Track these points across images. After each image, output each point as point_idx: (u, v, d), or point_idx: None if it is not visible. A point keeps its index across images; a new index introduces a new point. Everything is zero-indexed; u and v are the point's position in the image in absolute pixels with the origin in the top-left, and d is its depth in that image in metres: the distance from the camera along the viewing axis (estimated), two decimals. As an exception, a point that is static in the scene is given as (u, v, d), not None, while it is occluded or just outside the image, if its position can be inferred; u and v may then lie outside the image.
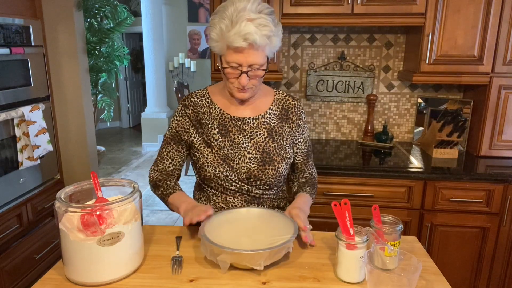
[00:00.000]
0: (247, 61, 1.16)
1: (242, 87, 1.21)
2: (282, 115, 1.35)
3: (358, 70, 2.55)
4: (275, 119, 1.34)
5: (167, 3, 6.39)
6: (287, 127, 1.35)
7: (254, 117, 1.32)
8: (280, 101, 1.36)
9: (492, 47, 2.12)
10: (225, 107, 1.32)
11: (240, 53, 1.15)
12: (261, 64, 1.19)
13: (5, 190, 2.15)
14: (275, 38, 1.20)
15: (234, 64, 1.17)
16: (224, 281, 0.99)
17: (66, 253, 0.97)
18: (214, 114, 1.31)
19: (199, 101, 1.34)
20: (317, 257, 1.11)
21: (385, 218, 1.06)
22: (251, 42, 1.12)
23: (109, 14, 4.02)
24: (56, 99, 3.02)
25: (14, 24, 2.20)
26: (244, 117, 1.31)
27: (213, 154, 1.28)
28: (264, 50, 1.18)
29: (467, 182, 2.00)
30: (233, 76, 1.20)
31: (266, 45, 1.17)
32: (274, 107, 1.35)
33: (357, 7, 2.10)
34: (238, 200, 1.31)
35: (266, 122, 1.32)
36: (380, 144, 2.46)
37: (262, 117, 1.32)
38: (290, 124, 1.35)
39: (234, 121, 1.30)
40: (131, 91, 7.72)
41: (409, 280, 0.85)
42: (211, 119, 1.31)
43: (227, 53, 1.18)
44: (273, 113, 1.34)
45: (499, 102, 2.19)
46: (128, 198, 0.98)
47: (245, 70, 1.17)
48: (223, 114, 1.31)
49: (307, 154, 1.41)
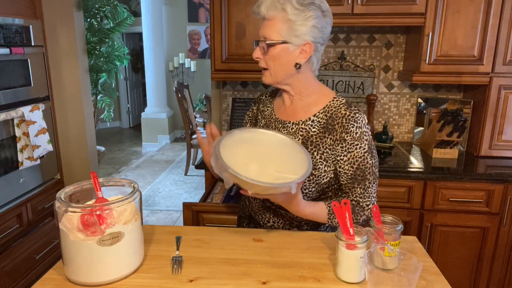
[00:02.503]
0: (261, 30, 1.16)
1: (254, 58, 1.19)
2: (327, 124, 1.17)
3: (358, 70, 2.55)
4: (317, 127, 1.19)
5: (167, 3, 6.39)
6: (328, 139, 1.17)
7: (294, 122, 1.22)
8: (331, 109, 1.19)
9: (492, 47, 2.12)
10: (277, 109, 1.30)
11: (262, 25, 1.16)
12: (271, 39, 1.13)
13: (5, 190, 2.15)
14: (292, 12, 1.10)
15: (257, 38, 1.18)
16: (224, 281, 0.99)
17: (66, 253, 0.97)
18: (267, 113, 1.32)
19: (265, 100, 1.37)
20: (317, 257, 1.11)
21: (385, 218, 1.06)
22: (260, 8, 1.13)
23: (109, 14, 4.03)
24: (56, 99, 3.02)
25: (14, 24, 2.20)
26: (285, 121, 1.24)
27: None
28: (275, 23, 1.12)
29: (467, 182, 2.00)
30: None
31: (275, 17, 1.11)
32: (321, 114, 1.19)
33: (357, 7, 2.10)
34: (256, 202, 1.28)
35: (304, 130, 1.20)
36: (380, 144, 2.46)
37: (302, 123, 1.20)
38: (333, 136, 1.16)
39: (277, 123, 1.26)
40: (131, 91, 7.72)
41: (409, 280, 0.85)
42: (263, 117, 1.33)
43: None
44: (316, 121, 1.19)
45: (499, 102, 2.19)
46: (128, 198, 0.98)
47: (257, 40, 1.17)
48: (272, 115, 1.30)
49: (353, 177, 1.17)
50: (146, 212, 3.83)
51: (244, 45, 2.24)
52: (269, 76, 1.19)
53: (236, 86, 2.64)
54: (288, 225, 1.26)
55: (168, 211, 3.86)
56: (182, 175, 4.92)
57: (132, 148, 6.35)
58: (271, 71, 1.18)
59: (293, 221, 1.25)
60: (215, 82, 2.62)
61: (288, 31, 1.12)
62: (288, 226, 1.26)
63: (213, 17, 2.22)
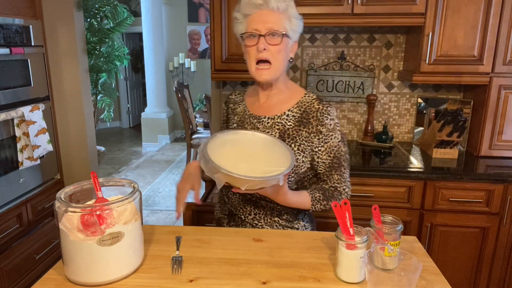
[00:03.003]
0: (265, 23, 1.17)
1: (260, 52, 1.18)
2: (302, 118, 1.25)
3: (358, 70, 2.55)
4: (292, 121, 1.26)
5: (167, 3, 6.39)
6: (304, 132, 1.24)
7: (270, 117, 1.28)
8: (304, 104, 1.27)
9: (492, 47, 2.12)
10: (250, 105, 1.35)
11: (258, 18, 1.19)
12: (279, 31, 1.18)
13: (5, 190, 2.15)
14: (293, 11, 1.21)
15: (253, 31, 1.19)
16: (224, 281, 0.99)
17: (66, 253, 0.97)
18: (239, 110, 1.37)
19: (235, 98, 1.43)
20: (317, 257, 1.11)
21: (385, 218, 1.06)
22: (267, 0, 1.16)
23: (109, 14, 4.02)
24: (56, 99, 3.02)
25: (14, 24, 2.20)
26: (260, 116, 1.30)
27: None
28: (283, 18, 1.19)
29: (467, 182, 2.00)
30: (252, 44, 1.20)
31: (283, 12, 1.19)
32: (295, 109, 1.27)
33: (357, 7, 2.10)
34: (236, 197, 1.31)
35: (280, 124, 1.26)
36: (380, 144, 2.46)
37: (278, 117, 1.27)
38: (308, 129, 1.24)
39: (251, 118, 1.31)
40: (131, 91, 7.72)
41: (409, 280, 0.85)
42: (235, 114, 1.37)
43: (248, 24, 1.21)
44: (291, 115, 1.27)
45: (499, 102, 2.19)
46: (128, 198, 0.98)
47: (262, 33, 1.18)
48: (246, 111, 1.35)
49: (330, 165, 1.26)
50: (146, 212, 3.83)
51: (244, 45, 2.24)
52: (272, 71, 1.22)
53: (236, 86, 2.64)
54: (269, 215, 1.30)
55: (168, 211, 3.86)
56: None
57: (132, 148, 6.35)
58: (275, 64, 1.21)
59: (273, 211, 1.29)
60: (215, 82, 2.62)
61: (290, 26, 1.21)
62: (270, 216, 1.30)
63: (213, 17, 2.22)
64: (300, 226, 1.33)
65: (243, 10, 1.22)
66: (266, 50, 1.18)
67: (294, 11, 1.22)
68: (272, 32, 1.18)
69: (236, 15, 1.26)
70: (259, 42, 1.18)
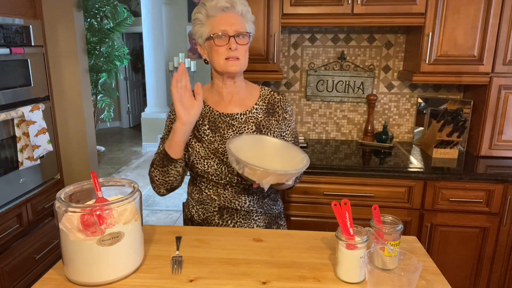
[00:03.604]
0: (232, 25, 1.27)
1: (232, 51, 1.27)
2: (268, 109, 1.40)
3: (358, 70, 2.55)
4: (262, 113, 1.39)
5: (167, 3, 6.39)
6: (273, 121, 1.40)
7: (242, 113, 1.38)
8: (266, 96, 1.42)
9: (492, 47, 2.12)
10: (214, 105, 1.40)
11: (224, 20, 1.27)
12: (245, 32, 1.29)
13: (5, 190, 2.15)
14: (250, 16, 1.35)
15: (221, 33, 1.27)
16: (224, 281, 0.99)
17: (66, 253, 0.97)
18: (204, 112, 1.39)
19: None
20: (317, 257, 1.11)
21: (385, 218, 1.06)
22: (234, 4, 1.27)
23: (109, 14, 4.02)
24: (56, 99, 3.02)
25: (14, 24, 2.20)
26: (232, 113, 1.37)
27: (203, 149, 1.34)
28: (244, 20, 1.31)
29: (467, 182, 2.00)
30: (222, 44, 1.27)
31: (245, 15, 1.32)
32: (260, 102, 1.41)
33: (357, 7, 2.10)
34: (229, 191, 1.35)
35: (253, 117, 1.38)
36: (380, 144, 2.46)
37: (249, 112, 1.38)
38: (276, 117, 1.40)
39: (223, 117, 1.37)
40: (131, 91, 7.72)
41: (409, 280, 0.85)
42: (201, 116, 1.38)
43: (214, 26, 1.28)
44: (259, 108, 1.40)
45: (499, 102, 2.19)
46: (128, 198, 0.98)
47: (231, 34, 1.26)
48: (213, 112, 1.38)
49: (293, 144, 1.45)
50: (146, 212, 3.83)
51: (244, 45, 2.24)
52: (241, 64, 1.31)
53: (236, 86, 2.63)
54: (260, 199, 1.40)
55: (168, 211, 3.86)
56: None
57: (132, 148, 6.35)
58: (242, 60, 1.31)
59: (263, 194, 1.41)
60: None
61: (250, 28, 1.34)
62: (261, 199, 1.40)
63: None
64: (279, 203, 1.52)
65: (207, 11, 1.29)
66: (237, 49, 1.28)
67: (250, 15, 1.35)
68: (239, 33, 1.28)
69: (198, 16, 1.31)
70: (231, 42, 1.27)
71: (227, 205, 1.36)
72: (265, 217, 1.41)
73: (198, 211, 1.41)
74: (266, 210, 1.42)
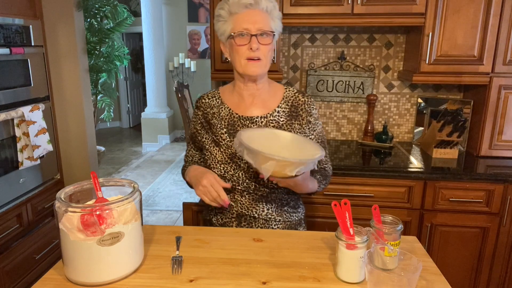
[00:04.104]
0: (255, 23, 1.20)
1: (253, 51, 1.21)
2: (291, 112, 1.33)
3: (358, 70, 2.55)
4: (284, 116, 1.32)
5: (167, 3, 6.39)
6: (296, 125, 1.33)
7: (262, 116, 1.31)
8: (289, 98, 1.35)
9: (492, 47, 2.12)
10: (234, 107, 1.34)
11: (248, 18, 1.21)
12: (269, 31, 1.22)
13: (5, 190, 2.15)
14: (277, 12, 1.27)
15: (243, 31, 1.21)
16: (224, 281, 0.99)
17: (66, 253, 0.97)
18: (223, 114, 1.34)
19: (210, 102, 1.39)
20: (317, 257, 1.11)
21: (385, 218, 1.06)
22: (258, 0, 1.20)
23: (109, 14, 4.02)
24: (56, 99, 3.02)
25: (14, 24, 2.20)
26: (252, 116, 1.32)
27: (221, 153, 1.30)
28: (269, 18, 1.24)
29: (467, 182, 2.00)
30: (243, 43, 1.22)
31: (270, 12, 1.24)
32: (283, 104, 1.34)
33: (357, 7, 2.10)
34: (246, 198, 1.32)
35: (274, 121, 1.31)
36: (380, 144, 2.46)
37: (270, 115, 1.32)
38: (300, 121, 1.33)
39: (242, 120, 1.32)
40: (131, 91, 7.72)
41: (409, 280, 0.85)
42: (220, 119, 1.34)
43: (236, 23, 1.22)
44: (281, 111, 1.33)
45: (499, 102, 2.19)
46: (128, 198, 0.98)
47: (254, 33, 1.20)
48: (232, 114, 1.33)
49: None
50: (146, 212, 3.83)
51: (244, 45, 2.24)
52: (262, 65, 1.25)
53: (236, 86, 2.63)
54: (279, 207, 1.35)
55: (168, 211, 3.86)
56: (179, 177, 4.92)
57: (132, 148, 6.35)
58: (264, 61, 1.25)
59: (282, 201, 1.36)
60: (215, 82, 2.62)
61: (276, 26, 1.27)
62: (280, 207, 1.35)
63: (213, 17, 2.21)
64: (301, 210, 1.45)
65: (230, 8, 1.23)
66: (259, 49, 1.22)
67: (277, 12, 1.28)
68: (262, 32, 1.21)
69: (221, 12, 1.26)
70: (252, 42, 1.20)
71: (244, 213, 1.33)
72: (284, 225, 1.36)
73: (217, 215, 1.39)
74: (286, 218, 1.36)
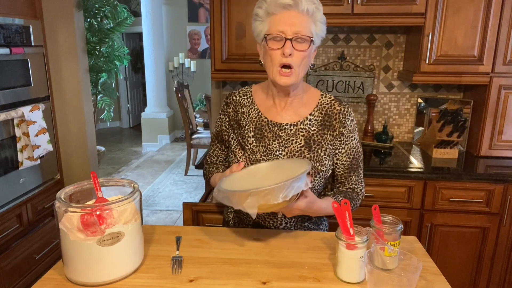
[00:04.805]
0: (292, 26, 1.10)
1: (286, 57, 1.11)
2: (324, 121, 1.22)
3: (358, 70, 2.55)
4: (316, 126, 1.22)
5: (167, 3, 6.39)
6: (328, 135, 1.22)
7: (292, 123, 1.22)
8: (324, 106, 1.23)
9: (492, 47, 2.12)
10: (265, 110, 1.26)
11: (284, 19, 1.11)
12: (306, 35, 1.11)
13: (5, 190, 2.15)
14: (320, 15, 1.15)
15: (279, 34, 1.11)
16: (224, 281, 0.99)
17: (66, 253, 0.97)
18: (253, 116, 1.26)
19: (241, 100, 1.30)
20: (317, 257, 1.11)
21: (385, 218, 1.06)
22: (298, 1, 1.09)
23: (109, 14, 4.02)
24: (56, 99, 3.02)
25: (14, 24, 2.20)
26: (281, 123, 1.23)
27: (245, 158, 1.23)
28: (310, 21, 1.12)
29: (467, 182, 2.00)
30: (277, 47, 1.12)
31: (311, 15, 1.12)
32: (316, 112, 1.23)
33: (357, 7, 2.10)
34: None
35: (304, 129, 1.22)
36: (380, 144, 2.46)
37: (301, 123, 1.22)
38: (332, 132, 1.22)
39: (271, 126, 1.23)
40: (131, 91, 7.72)
41: (409, 280, 0.85)
42: (249, 120, 1.26)
43: (272, 25, 1.12)
44: (314, 119, 1.22)
45: (499, 102, 2.19)
46: (128, 198, 0.98)
47: (289, 37, 1.10)
48: (261, 118, 1.25)
49: (349, 167, 1.25)
50: (146, 212, 3.83)
51: (244, 45, 2.24)
52: (294, 76, 1.14)
53: (236, 86, 2.64)
54: (300, 221, 1.27)
55: (168, 211, 3.86)
56: (182, 175, 4.92)
57: (132, 148, 6.35)
58: (297, 70, 1.14)
59: (303, 216, 1.26)
60: (215, 82, 2.62)
61: (316, 31, 1.15)
62: (300, 222, 1.27)
63: (213, 17, 2.22)
64: (323, 227, 1.37)
65: (268, 7, 1.13)
66: (292, 55, 1.11)
67: (321, 14, 1.15)
68: (299, 36, 1.10)
69: (258, 11, 1.16)
70: (285, 47, 1.10)
71: (261, 223, 1.27)
72: None
73: (235, 218, 1.36)
74: None
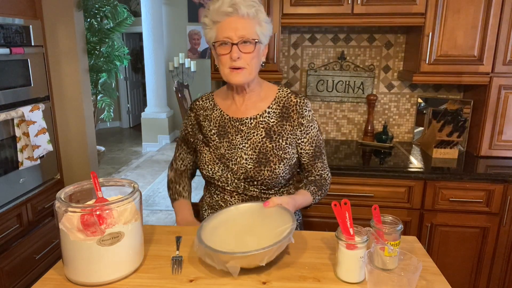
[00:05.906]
0: (236, 31, 1.17)
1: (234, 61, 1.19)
2: (282, 113, 1.30)
3: (358, 70, 2.55)
4: (275, 117, 1.30)
5: (167, 3, 6.39)
6: (287, 126, 1.30)
7: (252, 117, 1.31)
8: (281, 99, 1.32)
9: (492, 47, 2.12)
10: (226, 109, 1.35)
11: (229, 25, 1.18)
12: (251, 38, 1.19)
13: (5, 190, 2.15)
14: (263, 16, 1.22)
15: (225, 39, 1.19)
16: (224, 281, 0.99)
17: (66, 253, 0.97)
18: (215, 115, 1.35)
19: (203, 104, 1.39)
20: (317, 257, 1.11)
21: (385, 218, 1.06)
22: (237, 7, 1.16)
23: (109, 14, 4.02)
24: (56, 99, 3.02)
25: (14, 24, 2.20)
26: (242, 118, 1.31)
27: (210, 154, 1.32)
28: (253, 23, 1.20)
29: (467, 182, 2.00)
30: (225, 52, 1.20)
31: (253, 17, 1.20)
32: (274, 105, 1.31)
33: (357, 7, 2.10)
34: (235, 199, 1.33)
35: (264, 122, 1.30)
36: (380, 144, 2.46)
37: (260, 116, 1.30)
38: (291, 122, 1.30)
39: (233, 122, 1.32)
40: (131, 91, 7.72)
41: (409, 280, 0.85)
42: (211, 120, 1.35)
43: (218, 32, 1.20)
44: (272, 112, 1.31)
45: (499, 102, 2.19)
46: (128, 198, 0.98)
47: (235, 42, 1.18)
48: (223, 116, 1.34)
49: (313, 155, 1.34)
50: (146, 212, 3.83)
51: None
52: (246, 74, 1.22)
53: (236, 86, 2.63)
54: None
55: (168, 211, 3.86)
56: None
57: (132, 148, 6.35)
58: (249, 69, 1.22)
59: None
60: (215, 82, 2.62)
61: (261, 31, 1.22)
62: None
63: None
64: (297, 215, 1.45)
65: (212, 16, 1.21)
66: (240, 58, 1.19)
67: (264, 15, 1.23)
68: (244, 39, 1.18)
69: (205, 20, 1.24)
70: (233, 51, 1.18)
71: None
72: None
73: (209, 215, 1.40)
74: None
